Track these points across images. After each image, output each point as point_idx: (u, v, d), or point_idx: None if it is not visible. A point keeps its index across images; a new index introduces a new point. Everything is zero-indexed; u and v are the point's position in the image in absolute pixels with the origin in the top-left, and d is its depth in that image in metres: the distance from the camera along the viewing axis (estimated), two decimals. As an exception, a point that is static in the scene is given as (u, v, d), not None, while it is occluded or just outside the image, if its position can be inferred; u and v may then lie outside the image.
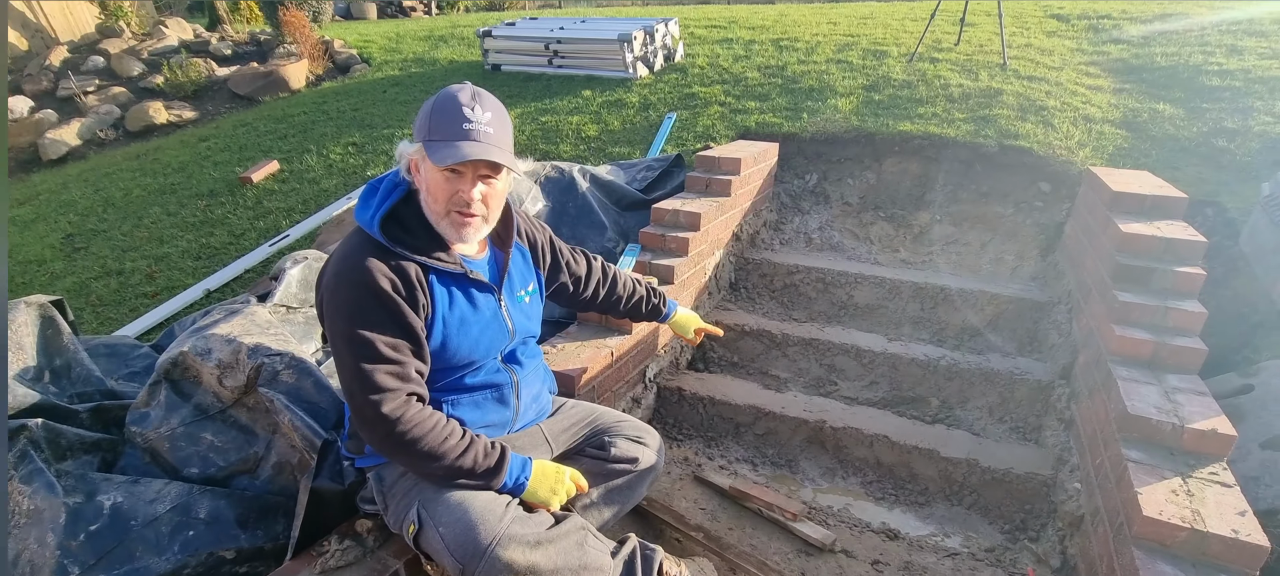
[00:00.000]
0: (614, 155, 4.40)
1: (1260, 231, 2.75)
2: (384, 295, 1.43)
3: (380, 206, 1.49)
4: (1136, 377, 2.13)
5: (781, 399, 2.89)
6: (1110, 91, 4.38)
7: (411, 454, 1.45)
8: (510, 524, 1.46)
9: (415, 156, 1.48)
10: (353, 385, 1.44)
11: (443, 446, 1.46)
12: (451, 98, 1.43)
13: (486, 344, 1.62)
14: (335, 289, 1.46)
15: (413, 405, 1.45)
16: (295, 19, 7.83)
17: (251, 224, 4.66)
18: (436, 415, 1.49)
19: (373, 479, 1.69)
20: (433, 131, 1.43)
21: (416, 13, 12.91)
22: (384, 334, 1.43)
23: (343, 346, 1.44)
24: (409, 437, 1.43)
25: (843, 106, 4.34)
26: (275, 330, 2.38)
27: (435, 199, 1.48)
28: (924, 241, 3.73)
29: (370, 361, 1.42)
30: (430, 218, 1.51)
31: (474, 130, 1.42)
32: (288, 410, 2.09)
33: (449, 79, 6.45)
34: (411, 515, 1.53)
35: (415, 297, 1.47)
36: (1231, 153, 3.51)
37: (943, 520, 2.43)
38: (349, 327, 1.42)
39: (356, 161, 5.11)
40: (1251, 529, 1.64)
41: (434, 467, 1.48)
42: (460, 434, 1.51)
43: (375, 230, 1.47)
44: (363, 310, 1.43)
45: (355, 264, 1.44)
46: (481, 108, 1.44)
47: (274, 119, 6.32)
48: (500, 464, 1.53)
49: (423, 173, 1.49)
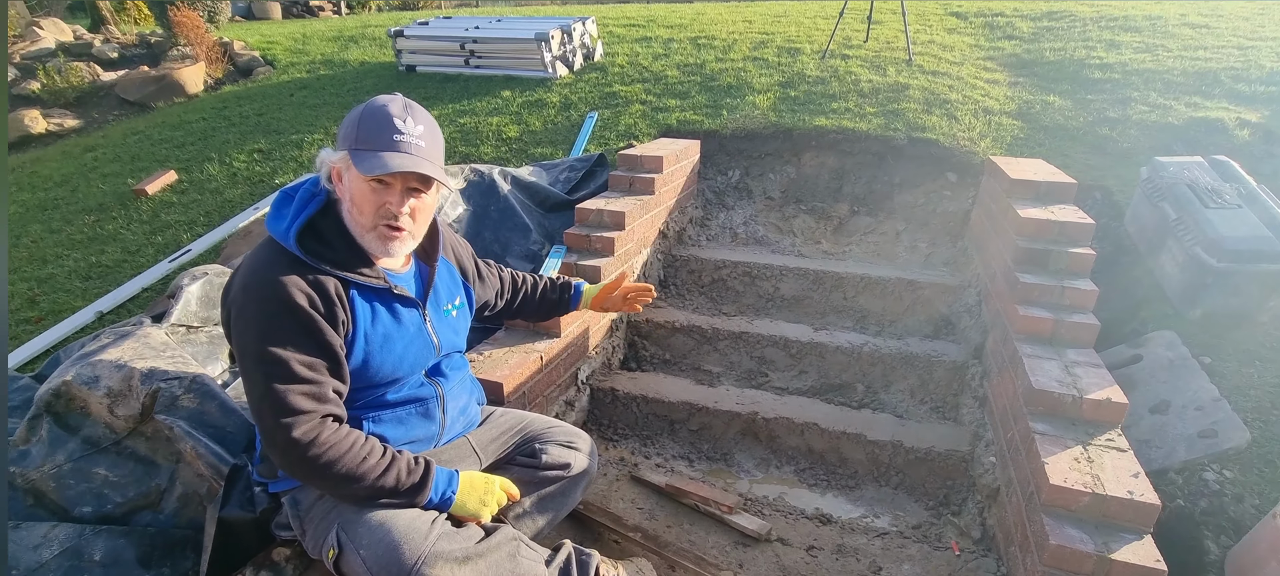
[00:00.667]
0: (536, 156, 4.33)
1: (1141, 212, 2.98)
2: (299, 311, 1.34)
3: (296, 217, 1.40)
4: (1039, 354, 2.27)
5: (714, 393, 2.92)
6: (1006, 85, 4.66)
7: (328, 477, 1.37)
8: (436, 540, 1.40)
9: (339, 164, 1.40)
10: (262, 407, 1.34)
11: (361, 467, 1.38)
12: (381, 107, 1.38)
13: (411, 360, 1.55)
14: (244, 304, 1.36)
15: (328, 426, 1.36)
16: (188, 19, 7.34)
17: (148, 239, 4.33)
18: (354, 434, 1.41)
19: (288, 503, 1.59)
20: (360, 140, 1.36)
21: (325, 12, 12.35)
22: (299, 352, 1.34)
23: (252, 366, 1.34)
24: (324, 461, 1.35)
25: (761, 103, 4.43)
26: (173, 352, 2.22)
27: (361, 210, 1.41)
28: (844, 232, 3.85)
29: (283, 382, 1.32)
30: (354, 230, 1.44)
31: (405, 142, 1.37)
32: (190, 437, 1.96)
33: (361, 81, 6.19)
34: (330, 539, 1.45)
35: (334, 314, 1.39)
36: (1114, 140, 3.79)
37: (872, 501, 2.51)
38: (259, 346, 1.33)
39: (263, 169, 4.83)
40: (1144, 489, 1.77)
41: (353, 489, 1.40)
42: (381, 452, 1.43)
43: (291, 243, 1.38)
44: (275, 327, 1.34)
45: (267, 278, 1.35)
46: (413, 120, 1.40)
47: (169, 126, 5.90)
48: (424, 479, 1.46)
49: (347, 182, 1.41)
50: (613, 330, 3.14)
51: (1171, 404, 2.37)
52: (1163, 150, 3.56)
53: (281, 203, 1.45)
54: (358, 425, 1.50)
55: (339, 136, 1.41)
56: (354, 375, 1.46)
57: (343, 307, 1.40)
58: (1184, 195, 2.73)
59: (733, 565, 2.12)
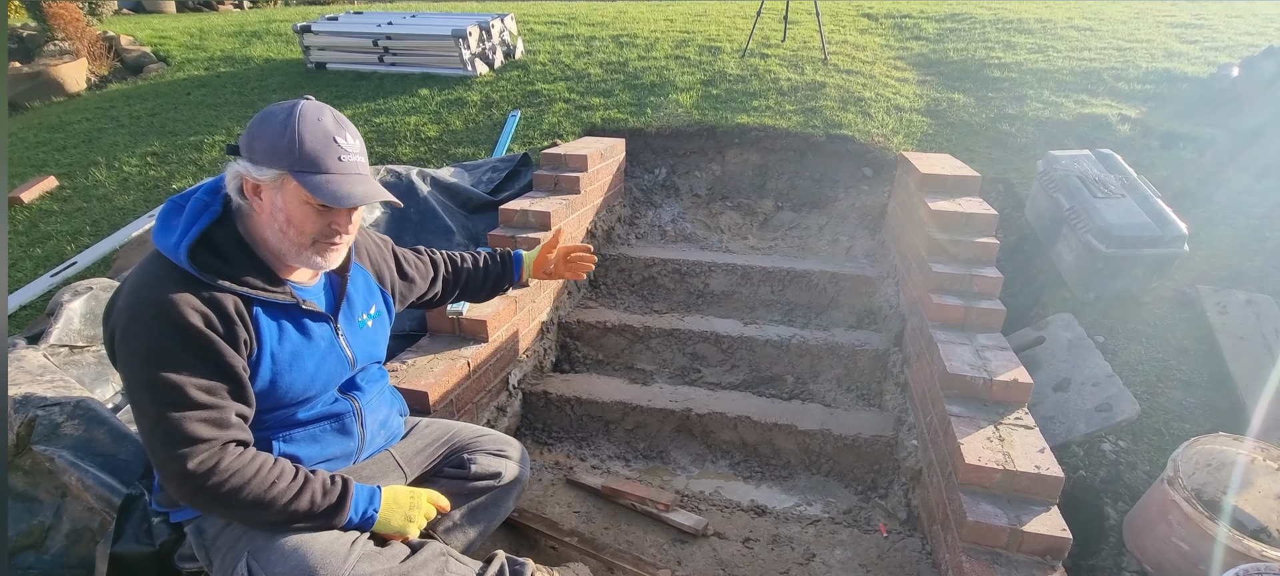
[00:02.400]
0: (457, 156, 4.21)
1: (1038, 203, 3.18)
2: (193, 332, 1.22)
3: (187, 230, 1.28)
4: (952, 339, 2.38)
5: (648, 392, 2.91)
6: (915, 83, 4.87)
7: (233, 506, 1.26)
8: (356, 563, 1.32)
9: (263, 182, 1.28)
10: (154, 437, 1.22)
11: (270, 492, 1.28)
12: (317, 121, 1.29)
13: (323, 378, 1.45)
14: (129, 326, 1.23)
15: (229, 452, 1.25)
16: (65, 12, 6.73)
17: (25, 252, 3.94)
18: (260, 457, 1.30)
19: (191, 533, 1.47)
20: (302, 163, 1.26)
21: (225, 6, 11.60)
22: (194, 376, 1.23)
23: (142, 393, 1.22)
24: (227, 489, 1.24)
25: (684, 101, 4.47)
26: (52, 375, 2.03)
27: (300, 231, 1.31)
28: (769, 227, 3.93)
29: (178, 409, 1.21)
30: (280, 247, 1.34)
31: (350, 161, 1.31)
32: (75, 468, 1.80)
33: (265, 79, 5.85)
34: (241, 569, 1.34)
35: (234, 333, 1.27)
36: (1013, 135, 4.03)
37: (805, 490, 2.57)
38: (150, 371, 1.20)
39: (158, 173, 4.48)
40: (1050, 463, 1.88)
41: (264, 516, 1.30)
42: (292, 474, 1.33)
43: (182, 258, 1.25)
44: (166, 350, 1.21)
45: (155, 298, 1.22)
46: (351, 135, 1.34)
47: (47, 128, 5.39)
48: (342, 499, 1.37)
49: (276, 201, 1.30)
50: (543, 332, 3.08)
51: (1072, 381, 2.53)
52: (1056, 144, 3.81)
53: (170, 213, 1.32)
54: (268, 446, 1.39)
55: (258, 149, 1.27)
56: (261, 396, 1.35)
57: (244, 326, 1.29)
58: (1075, 186, 2.92)
59: (671, 563, 2.12)
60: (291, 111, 1.28)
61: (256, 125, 1.29)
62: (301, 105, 1.30)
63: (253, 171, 1.27)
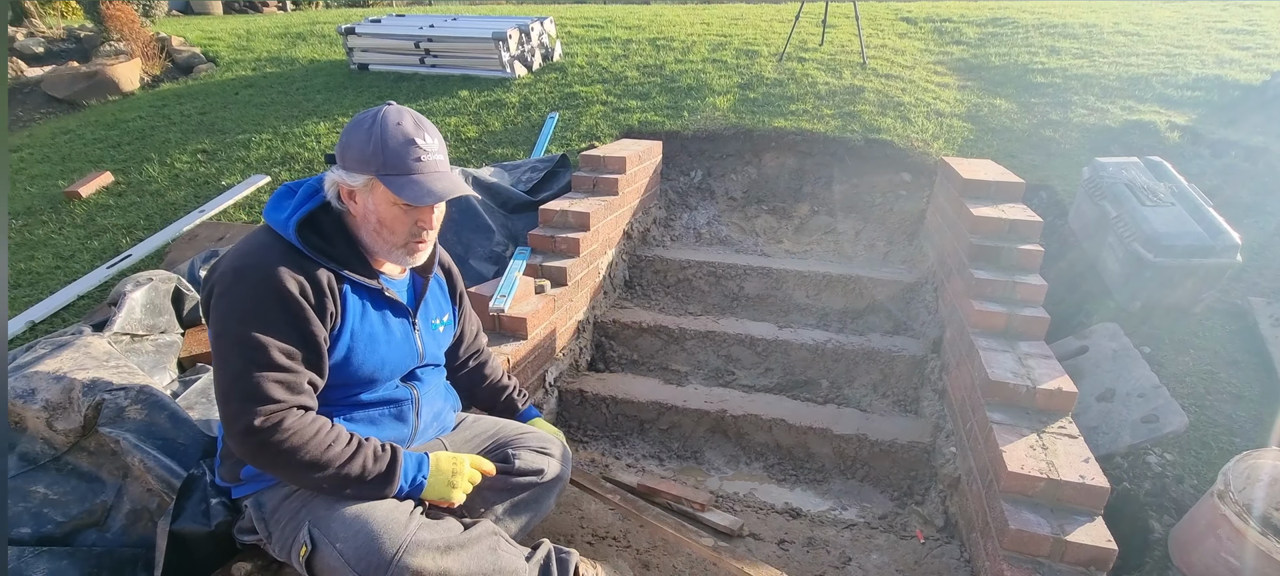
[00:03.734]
0: (496, 157, 4.28)
1: (1084, 210, 3.12)
2: (289, 299, 1.32)
3: (298, 209, 1.40)
4: (994, 347, 2.35)
5: (683, 392, 2.93)
6: (955, 88, 4.82)
7: (291, 465, 1.32)
8: (417, 530, 1.37)
9: (356, 187, 1.39)
10: (231, 390, 1.30)
11: (326, 454, 1.34)
12: (397, 125, 1.38)
13: (393, 365, 1.53)
14: (232, 285, 1.33)
15: (292, 414, 1.32)
16: (121, 13, 6.99)
17: (83, 244, 4.11)
18: (320, 421, 1.37)
19: (252, 506, 1.53)
20: (388, 167, 1.36)
21: (269, 8, 11.94)
22: (280, 340, 1.32)
23: (229, 347, 1.31)
24: (287, 447, 1.30)
25: (721, 104, 4.48)
26: (117, 362, 2.12)
27: (392, 232, 1.43)
28: (805, 231, 3.92)
29: (260, 368, 1.29)
30: (375, 246, 1.46)
31: (430, 160, 1.40)
32: (138, 450, 1.87)
33: (310, 79, 6.01)
34: (302, 536, 1.40)
35: (324, 305, 1.38)
36: (1057, 141, 3.96)
37: (839, 494, 2.56)
38: (242, 329, 1.30)
39: (208, 170, 4.64)
40: (1095, 473, 1.85)
41: (317, 478, 1.36)
42: (347, 439, 1.39)
43: (290, 233, 1.37)
44: (261, 312, 1.31)
45: (261, 262, 1.33)
46: (429, 135, 1.42)
47: (103, 125, 5.61)
48: (392, 465, 1.42)
49: (369, 204, 1.41)
50: (580, 331, 3.12)
51: (1116, 392, 2.49)
52: (1101, 151, 3.73)
53: (282, 195, 1.44)
54: None
55: (350, 158, 1.38)
56: (334, 370, 1.43)
57: (333, 299, 1.40)
58: (1123, 194, 2.87)
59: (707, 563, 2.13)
60: (375, 118, 1.38)
61: (347, 133, 1.40)
62: (384, 111, 1.39)
63: (346, 178, 1.38)
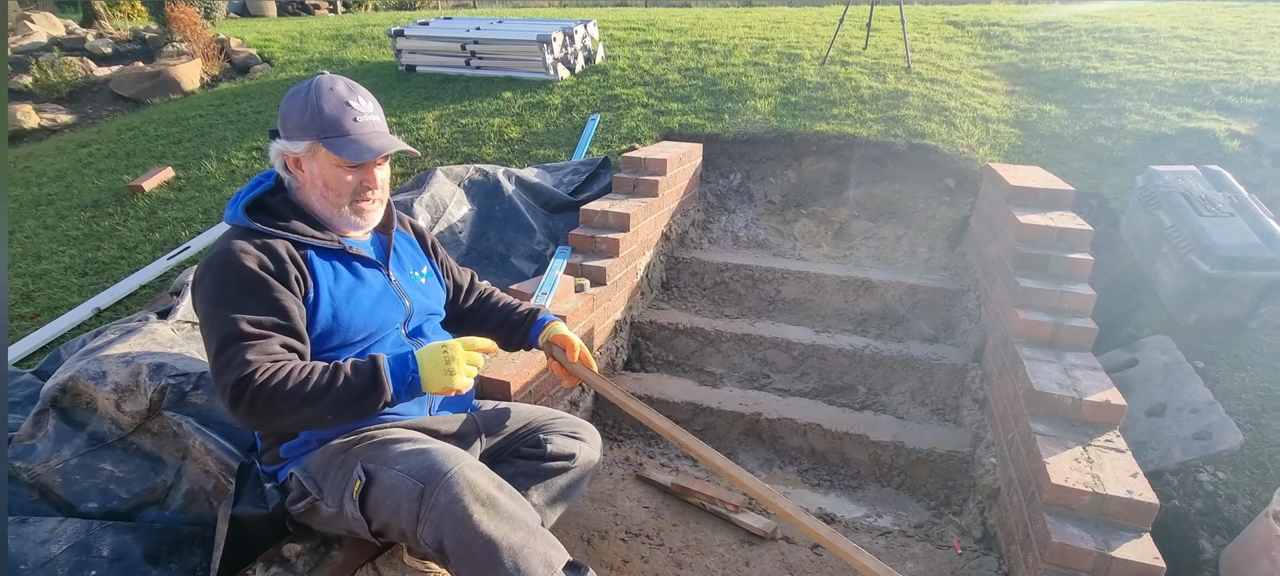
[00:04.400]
0: (538, 157, 4.35)
1: (1136, 220, 3.04)
2: (247, 273, 1.40)
3: (245, 195, 1.53)
4: (1039, 357, 2.31)
5: (717, 394, 2.94)
6: (1003, 93, 4.72)
7: (283, 410, 1.32)
8: (471, 467, 1.38)
9: (299, 154, 1.50)
10: (214, 366, 1.37)
11: (306, 386, 1.33)
12: (330, 90, 1.48)
13: (382, 315, 1.58)
14: (201, 278, 1.43)
15: (262, 363, 1.33)
16: (185, 15, 7.30)
17: (145, 236, 4.31)
18: (289, 362, 1.37)
19: (299, 475, 1.58)
20: (325, 130, 1.46)
21: (321, 10, 12.31)
22: (246, 312, 1.38)
23: (207, 330, 1.40)
24: (268, 390, 1.30)
25: (762, 108, 4.47)
26: (180, 348, 2.22)
27: (336, 192, 1.52)
28: (844, 236, 3.89)
29: (232, 341, 1.35)
30: (325, 211, 1.54)
31: (366, 121, 1.50)
32: (199, 433, 1.96)
33: (360, 80, 6.10)
34: (355, 473, 1.44)
35: (286, 272, 1.44)
36: (1109, 149, 3.85)
37: (874, 501, 2.54)
38: (211, 310, 1.39)
39: (262, 166, 4.82)
40: (1143, 489, 1.80)
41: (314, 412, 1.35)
42: (324, 367, 1.38)
43: (239, 214, 1.48)
44: (224, 292, 1.39)
45: (220, 249, 1.43)
46: (363, 98, 1.52)
47: (165, 122, 5.87)
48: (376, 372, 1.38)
49: (313, 169, 1.51)
50: (617, 330, 3.16)
51: (1167, 407, 2.42)
52: (1156, 159, 3.62)
53: (235, 197, 1.55)
54: None
55: (290, 126, 1.48)
56: (326, 333, 1.50)
57: (297, 267, 1.46)
58: (1178, 203, 2.78)
59: (739, 563, 2.15)
60: (310, 87, 1.49)
61: (285, 104, 1.51)
62: (317, 80, 1.50)
63: (289, 146, 1.49)
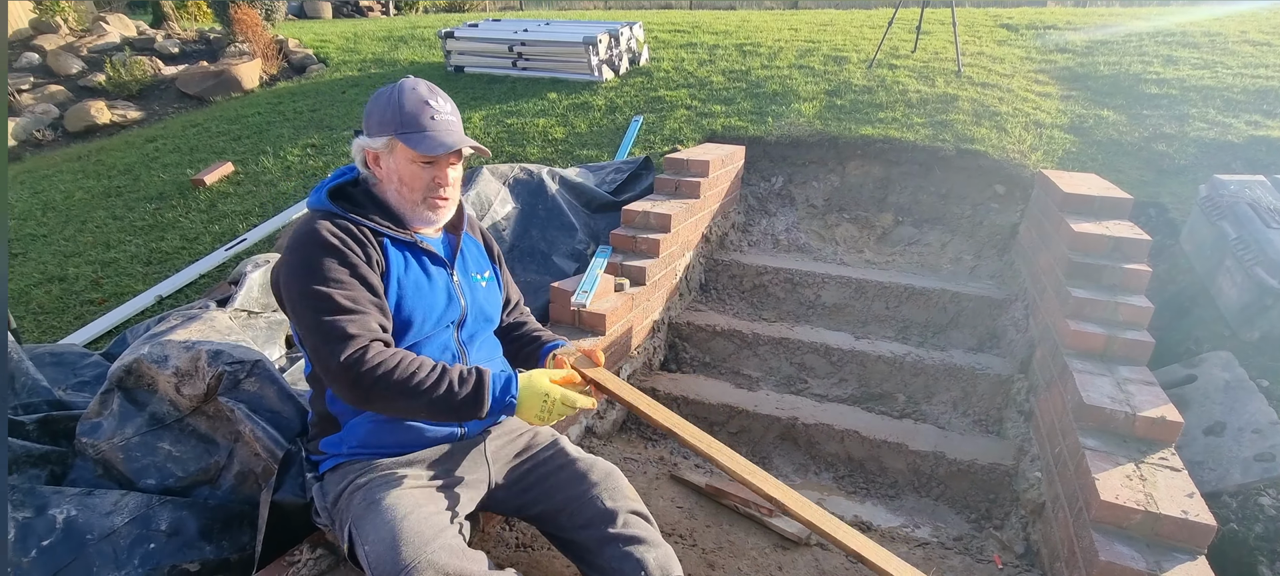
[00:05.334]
0: (581, 158, 4.40)
1: (1198, 231, 2.91)
2: (334, 248, 1.46)
3: (329, 183, 1.60)
4: (1090, 370, 2.23)
5: (754, 397, 2.93)
6: (1058, 98, 4.57)
7: (386, 396, 1.41)
8: (437, 550, 1.37)
9: (378, 150, 1.56)
10: (316, 342, 1.41)
11: (413, 381, 1.41)
12: (413, 91, 1.54)
13: (440, 312, 1.61)
14: (287, 258, 1.49)
15: (373, 347, 1.41)
16: (247, 17, 7.60)
17: (205, 228, 4.51)
18: (400, 352, 1.44)
19: (316, 492, 1.65)
20: (404, 126, 1.52)
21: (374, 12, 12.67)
22: (340, 288, 1.44)
23: (302, 307, 1.43)
24: (377, 376, 1.38)
25: (806, 111, 4.43)
26: (237, 336, 2.32)
27: (411, 188, 1.57)
28: (887, 242, 3.83)
29: (329, 314, 1.41)
30: (401, 206, 1.60)
31: (442, 120, 1.55)
32: (249, 420, 2.03)
33: (410, 80, 6.34)
34: (344, 532, 1.50)
35: (367, 253, 1.50)
36: (1171, 156, 3.70)
37: (912, 511, 2.49)
38: (304, 286, 1.43)
39: (316, 163, 4.99)
40: (1200, 509, 1.73)
41: (414, 405, 1.43)
42: (431, 365, 1.45)
43: (323, 199, 1.55)
44: (314, 266, 1.44)
45: (304, 229, 1.50)
46: (441, 99, 1.57)
47: (226, 120, 6.12)
48: (479, 387, 1.46)
49: (391, 165, 1.57)
50: (655, 331, 3.17)
51: (1227, 426, 2.31)
52: (1222, 168, 3.46)
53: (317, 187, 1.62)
54: None
55: (372, 124, 1.56)
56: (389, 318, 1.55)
57: (375, 249, 1.53)
58: (1245, 214, 2.66)
59: (773, 567, 2.13)
60: (394, 88, 1.55)
61: (369, 105, 1.57)
62: (401, 82, 1.56)
63: (369, 143, 1.56)
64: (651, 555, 1.66)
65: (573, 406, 1.54)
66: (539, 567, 2.10)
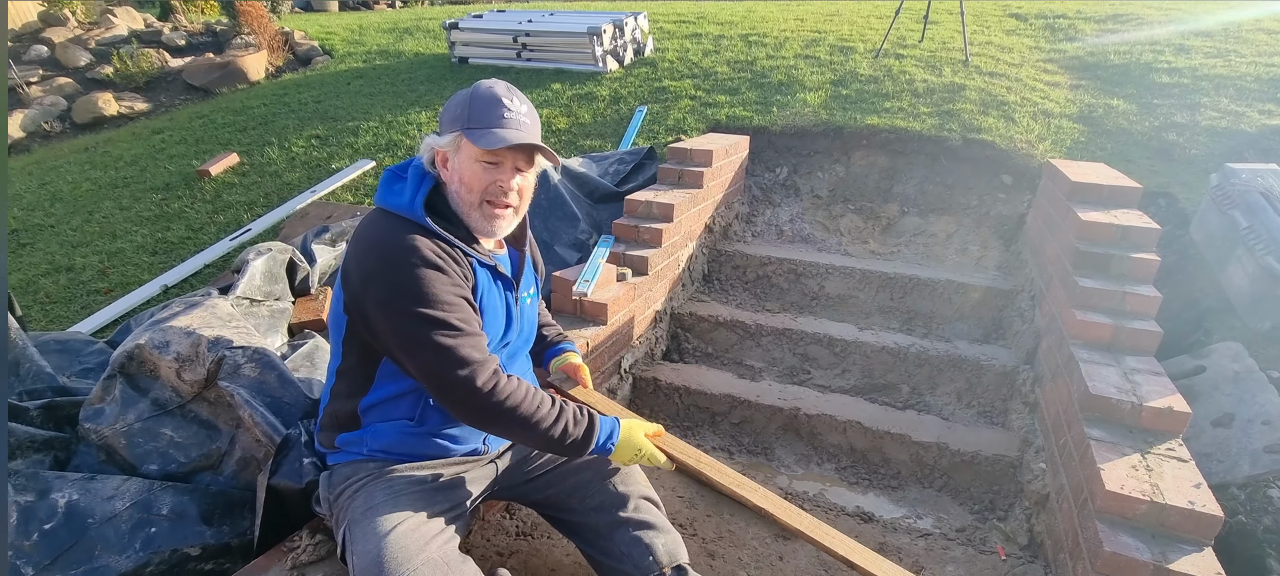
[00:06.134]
0: (585, 148, 4.38)
1: (1209, 221, 2.87)
2: (445, 268, 1.40)
3: (418, 190, 1.46)
4: (1097, 360, 2.20)
5: (756, 387, 2.91)
6: (1067, 88, 4.52)
7: (508, 423, 1.44)
8: (419, 567, 1.35)
9: (445, 149, 1.47)
10: (435, 365, 1.37)
11: (536, 415, 1.45)
12: (488, 88, 1.46)
13: (500, 335, 1.59)
14: (386, 272, 1.38)
15: (502, 375, 1.42)
16: (253, 9, 7.61)
17: (211, 218, 4.52)
18: (524, 384, 1.46)
19: (323, 482, 1.63)
20: (472, 120, 1.43)
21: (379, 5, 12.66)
22: (453, 309, 1.39)
23: (413, 327, 1.36)
24: (507, 407, 1.41)
25: (811, 101, 4.40)
26: (237, 323, 2.32)
27: (470, 188, 1.46)
28: (892, 233, 3.80)
29: (450, 336, 1.36)
30: (460, 208, 1.49)
31: (512, 118, 1.44)
32: (249, 405, 2.03)
33: (414, 71, 6.34)
34: (339, 535, 1.49)
35: (464, 273, 1.46)
36: (1182, 146, 3.65)
37: (915, 502, 2.48)
38: (415, 306, 1.36)
39: (320, 154, 4.99)
40: (1206, 500, 1.71)
41: (529, 436, 1.47)
42: (551, 403, 1.49)
43: (419, 212, 1.43)
44: (425, 286, 1.37)
45: (402, 244, 1.39)
46: (518, 100, 1.47)
47: (232, 111, 6.13)
48: (589, 431, 1.54)
49: (456, 164, 1.47)
50: (657, 321, 3.16)
51: (1236, 417, 2.28)
52: (1234, 157, 3.41)
53: (392, 179, 1.50)
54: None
55: (444, 120, 1.47)
56: None
57: (468, 269, 1.47)
58: (1257, 203, 2.62)
59: (773, 557, 2.12)
60: (473, 87, 1.47)
61: (446, 104, 1.48)
62: (480, 82, 1.48)
63: (438, 141, 1.47)
64: (661, 541, 1.68)
65: (654, 462, 1.69)
66: (539, 555, 2.10)
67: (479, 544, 2.15)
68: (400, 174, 1.51)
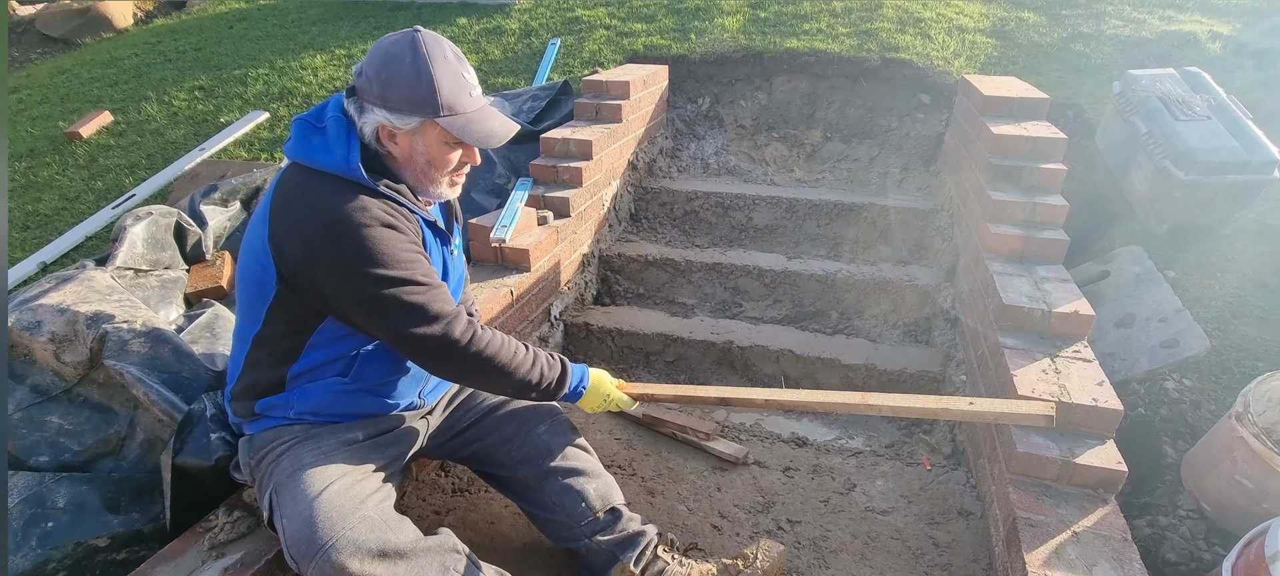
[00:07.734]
0: (497, 86, 4.16)
1: (1112, 128, 2.98)
2: (399, 226, 1.34)
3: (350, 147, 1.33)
4: (1010, 271, 2.27)
5: (689, 324, 2.90)
6: (981, 1, 4.57)
7: (486, 372, 1.43)
8: (355, 526, 1.28)
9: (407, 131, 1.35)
10: (407, 323, 1.31)
11: (512, 361, 1.45)
12: (445, 62, 1.33)
13: None
14: (335, 238, 1.28)
15: (476, 324, 1.41)
16: (113, -54, 6.79)
17: (87, 185, 4.09)
18: (498, 333, 1.46)
19: (242, 448, 1.53)
20: (444, 107, 1.32)
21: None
22: (416, 266, 1.33)
23: (375, 289, 1.29)
24: (486, 355, 1.40)
25: (730, 26, 4.29)
26: (119, 296, 2.11)
27: (439, 168, 1.40)
28: (817, 159, 3.80)
29: (419, 292, 1.32)
30: (417, 181, 1.42)
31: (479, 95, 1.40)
32: (142, 383, 1.88)
33: (305, 11, 5.83)
34: (265, 500, 1.39)
35: (416, 230, 1.40)
36: (1088, 56, 3.76)
37: (846, 424, 2.54)
38: (377, 269, 1.28)
39: (206, 107, 4.56)
40: (1108, 396, 1.80)
41: (506, 383, 1.47)
42: (525, 349, 1.49)
43: (358, 172, 1.31)
44: (383, 247, 1.29)
45: (350, 206, 1.28)
46: (467, 67, 1.39)
47: (99, 64, 5.52)
48: (563, 375, 1.55)
49: (417, 144, 1.37)
50: (585, 264, 3.07)
51: (1136, 316, 2.42)
52: (1136, 65, 3.54)
53: (309, 133, 1.35)
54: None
55: (394, 98, 1.31)
56: None
57: (417, 227, 1.42)
58: (1155, 108, 2.72)
59: (712, 488, 2.14)
60: (416, 53, 1.30)
61: (384, 70, 1.30)
62: (423, 45, 1.31)
63: (393, 120, 1.32)
64: (593, 486, 1.69)
65: (622, 406, 1.72)
66: (476, 510, 2.05)
67: (414, 504, 2.08)
68: (316, 125, 1.36)
